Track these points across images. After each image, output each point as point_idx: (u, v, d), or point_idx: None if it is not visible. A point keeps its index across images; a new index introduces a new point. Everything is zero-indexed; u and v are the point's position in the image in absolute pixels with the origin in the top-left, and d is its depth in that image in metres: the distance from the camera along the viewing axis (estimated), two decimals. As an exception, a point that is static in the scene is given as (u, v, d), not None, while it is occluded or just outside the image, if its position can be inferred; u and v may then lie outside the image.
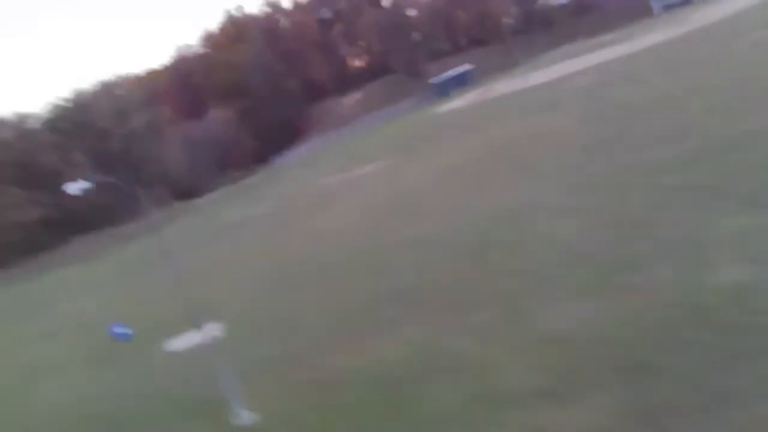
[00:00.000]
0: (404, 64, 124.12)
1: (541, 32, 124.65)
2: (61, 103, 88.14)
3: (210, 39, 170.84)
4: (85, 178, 15.24)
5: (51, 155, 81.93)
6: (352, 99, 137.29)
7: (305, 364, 15.29)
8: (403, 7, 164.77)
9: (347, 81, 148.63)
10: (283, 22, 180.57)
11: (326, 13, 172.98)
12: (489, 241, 19.33)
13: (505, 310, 14.13)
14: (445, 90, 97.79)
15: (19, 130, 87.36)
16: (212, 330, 21.11)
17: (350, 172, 47.65)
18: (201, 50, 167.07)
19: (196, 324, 15.93)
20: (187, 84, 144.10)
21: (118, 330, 24.12)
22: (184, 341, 21.05)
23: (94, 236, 76.15)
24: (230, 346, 17.86)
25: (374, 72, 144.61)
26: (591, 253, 15.41)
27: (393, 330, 15.28)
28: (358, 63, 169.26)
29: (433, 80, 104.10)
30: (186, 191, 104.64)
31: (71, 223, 78.90)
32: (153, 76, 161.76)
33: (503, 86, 68.80)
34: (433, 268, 18.84)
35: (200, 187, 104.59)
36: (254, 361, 16.55)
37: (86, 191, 15.32)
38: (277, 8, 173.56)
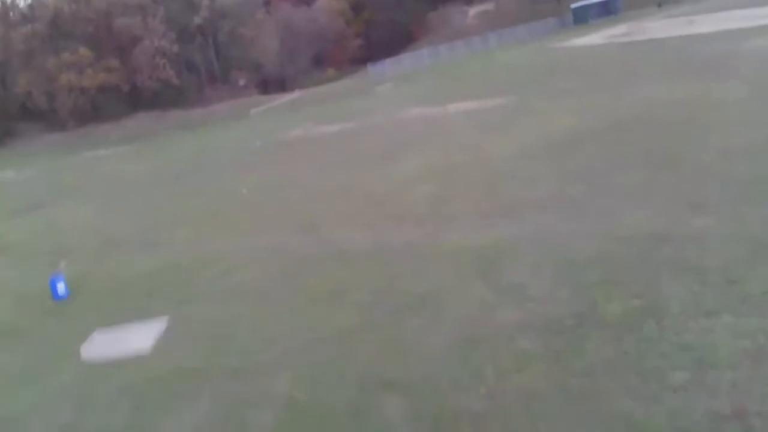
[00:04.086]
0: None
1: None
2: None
3: None
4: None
5: (131, 18, 77.23)
6: (479, 10, 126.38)
7: None
8: None
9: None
10: None
11: None
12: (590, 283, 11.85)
13: None
14: (585, 17, 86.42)
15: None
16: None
17: (441, 108, 39.73)
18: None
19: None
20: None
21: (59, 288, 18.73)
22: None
23: (157, 116, 71.90)
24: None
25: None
26: None
27: None
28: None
29: (574, 5, 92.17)
30: (274, 82, 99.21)
31: (136, 97, 75.13)
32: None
33: (657, 27, 57.85)
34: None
35: (290, 81, 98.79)
36: None
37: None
38: None
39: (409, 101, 46.96)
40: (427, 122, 36.42)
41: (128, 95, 76.12)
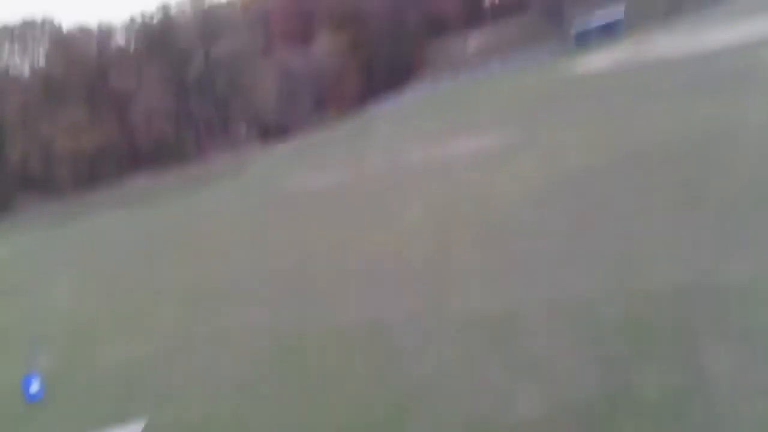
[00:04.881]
0: (546, 2, 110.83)
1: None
2: (144, 17, 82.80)
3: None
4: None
5: (125, 77, 76.97)
6: (478, 39, 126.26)
7: None
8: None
9: (477, 16, 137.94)
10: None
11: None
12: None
13: None
14: (588, 41, 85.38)
15: (99, 44, 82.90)
16: None
17: (443, 147, 38.53)
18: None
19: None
20: (298, 8, 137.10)
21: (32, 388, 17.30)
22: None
23: (156, 175, 70.94)
24: None
25: (510, 9, 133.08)
26: None
27: None
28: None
29: (576, 28, 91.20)
30: (275, 129, 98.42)
31: (135, 157, 74.43)
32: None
33: (665, 44, 56.42)
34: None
35: (293, 125, 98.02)
36: None
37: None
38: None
39: (409, 141, 45.66)
40: (429, 164, 35.14)
41: (126, 155, 75.53)
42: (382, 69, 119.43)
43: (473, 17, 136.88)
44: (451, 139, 39.97)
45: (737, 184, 16.92)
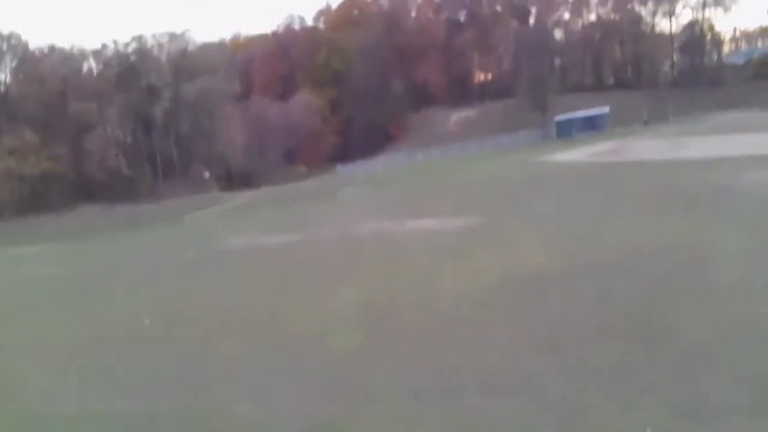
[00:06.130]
0: (532, 90, 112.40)
1: (703, 91, 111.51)
2: (117, 46, 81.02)
3: (325, 15, 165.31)
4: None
5: (87, 104, 74.51)
6: (461, 116, 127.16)
7: None
8: (550, 27, 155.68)
9: (463, 94, 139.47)
10: (409, 15, 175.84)
11: (459, 14, 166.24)
12: None
13: None
14: (569, 131, 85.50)
15: (66, 67, 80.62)
16: None
17: (400, 224, 36.61)
18: (312, 25, 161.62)
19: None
20: (283, 58, 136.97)
21: None
22: None
23: (103, 209, 68.03)
24: None
25: (496, 91, 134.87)
26: None
27: None
28: (481, 77, 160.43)
29: (559, 118, 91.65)
30: (240, 177, 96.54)
31: (85, 187, 71.46)
32: (253, 41, 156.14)
33: (642, 147, 56.12)
34: None
35: (257, 176, 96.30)
36: None
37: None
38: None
39: (368, 212, 43.88)
40: (381, 241, 32.94)
41: (74, 185, 72.49)
42: (359, 132, 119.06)
43: (459, 94, 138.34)
44: (408, 217, 38.25)
45: (705, 322, 14.71)
